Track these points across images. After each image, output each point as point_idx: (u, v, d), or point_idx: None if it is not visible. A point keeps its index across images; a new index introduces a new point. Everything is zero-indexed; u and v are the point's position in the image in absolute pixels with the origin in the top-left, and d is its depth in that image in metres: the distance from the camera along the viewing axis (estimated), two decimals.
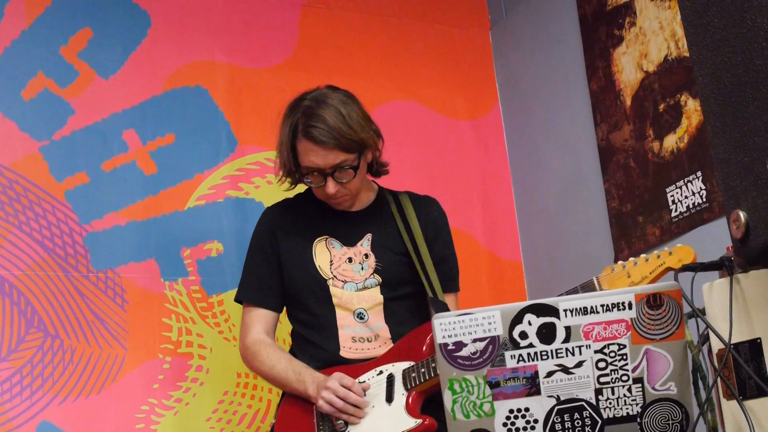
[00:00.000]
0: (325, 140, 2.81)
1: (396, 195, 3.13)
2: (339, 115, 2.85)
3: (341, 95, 2.94)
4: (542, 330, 1.85)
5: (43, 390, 3.35)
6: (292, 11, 4.14)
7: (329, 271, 2.95)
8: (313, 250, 2.98)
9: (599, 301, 1.84)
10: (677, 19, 3.46)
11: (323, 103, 2.87)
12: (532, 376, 1.85)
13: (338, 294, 2.93)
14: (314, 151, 2.83)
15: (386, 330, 2.93)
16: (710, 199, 3.31)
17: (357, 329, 2.92)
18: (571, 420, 1.86)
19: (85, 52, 3.69)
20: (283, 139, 2.91)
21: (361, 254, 2.97)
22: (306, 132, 2.83)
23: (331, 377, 2.78)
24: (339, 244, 2.98)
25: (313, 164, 2.85)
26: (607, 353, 1.84)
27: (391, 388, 2.78)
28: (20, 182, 3.49)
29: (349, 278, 2.95)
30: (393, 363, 2.83)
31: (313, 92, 2.94)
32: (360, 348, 2.91)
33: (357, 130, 2.87)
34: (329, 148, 2.82)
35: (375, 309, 2.94)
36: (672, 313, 1.84)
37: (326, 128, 2.82)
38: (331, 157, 2.84)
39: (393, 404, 2.75)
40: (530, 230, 4.29)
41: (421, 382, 2.73)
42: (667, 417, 1.87)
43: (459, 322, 1.86)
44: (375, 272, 2.96)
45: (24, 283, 3.41)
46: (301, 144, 2.85)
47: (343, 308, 2.93)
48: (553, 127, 4.15)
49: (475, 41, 4.51)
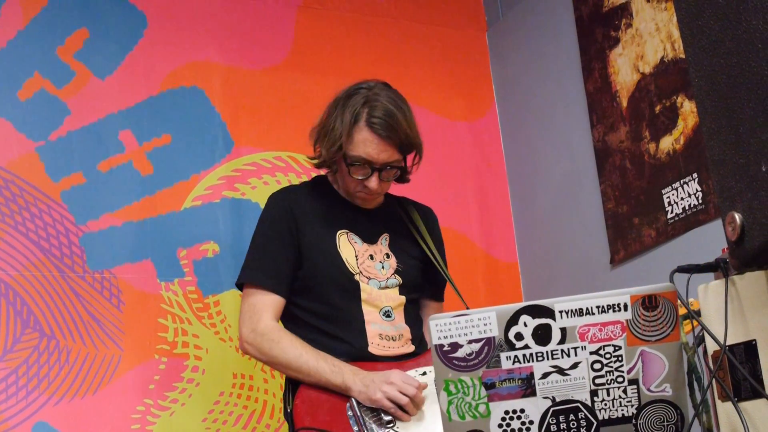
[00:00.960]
0: (387, 134, 2.81)
1: (399, 200, 3.14)
2: (403, 113, 2.86)
3: (399, 95, 2.93)
4: (538, 331, 1.85)
5: (39, 390, 3.35)
6: (288, 12, 4.14)
7: (356, 266, 2.92)
8: (337, 242, 2.94)
9: (594, 302, 1.84)
10: (673, 20, 3.46)
11: (389, 99, 2.86)
12: (527, 378, 1.86)
13: (367, 290, 2.90)
14: (374, 143, 2.82)
15: (408, 330, 2.94)
16: (706, 200, 3.32)
17: (384, 327, 2.91)
18: (567, 421, 1.86)
19: (81, 53, 3.69)
20: (335, 124, 2.86)
21: (382, 253, 2.97)
22: (370, 122, 2.81)
23: (393, 373, 2.72)
24: (360, 240, 2.97)
25: (368, 156, 2.83)
26: (603, 355, 1.85)
27: None
28: (16, 182, 3.48)
29: (373, 275, 2.93)
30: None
31: (368, 82, 2.91)
32: (386, 345, 2.89)
33: (416, 133, 2.91)
34: (389, 143, 2.82)
35: (399, 308, 2.95)
36: (667, 314, 1.84)
37: (393, 123, 2.81)
38: (387, 153, 2.84)
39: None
40: (526, 231, 4.29)
41: None
42: (662, 418, 1.87)
43: (455, 323, 1.86)
44: (396, 273, 2.96)
45: (20, 284, 3.40)
46: (361, 133, 2.82)
47: (370, 304, 2.90)
48: (550, 128, 4.15)
49: (471, 42, 4.51)
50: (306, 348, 2.82)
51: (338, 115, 2.87)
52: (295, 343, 2.84)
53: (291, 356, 2.81)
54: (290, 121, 3.97)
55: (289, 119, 3.98)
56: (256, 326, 2.88)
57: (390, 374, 2.73)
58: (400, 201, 3.14)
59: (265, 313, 2.89)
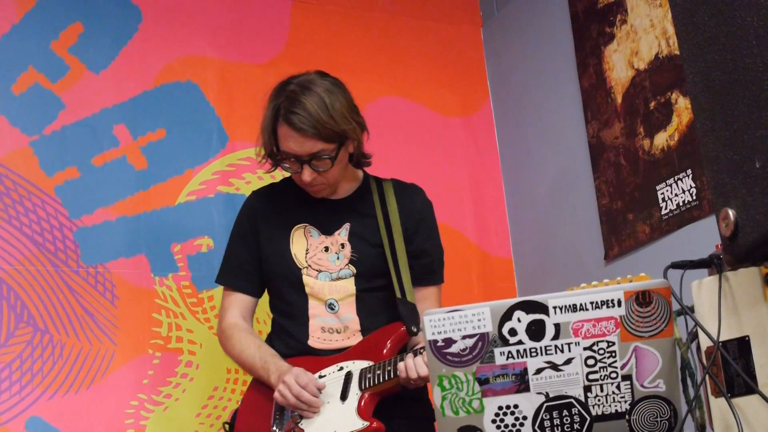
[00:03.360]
0: (303, 128, 2.78)
1: (380, 183, 3.08)
2: (321, 103, 2.81)
3: (328, 83, 2.88)
4: (531, 327, 1.85)
5: (33, 385, 3.35)
6: (283, 7, 4.13)
7: (304, 260, 2.93)
8: (290, 238, 2.97)
9: (588, 298, 1.84)
10: (668, 17, 3.46)
11: (308, 90, 2.82)
12: (521, 373, 1.86)
13: (310, 283, 2.91)
14: (293, 137, 2.80)
15: (356, 322, 2.91)
16: (700, 196, 3.32)
17: (327, 319, 2.91)
18: (560, 417, 1.86)
19: (75, 47, 3.68)
20: (266, 121, 2.88)
21: (338, 243, 2.94)
22: (286, 117, 2.80)
23: (290, 372, 2.77)
24: (317, 232, 2.96)
25: (291, 150, 2.82)
26: (596, 350, 1.85)
27: (347, 386, 2.78)
28: (10, 177, 3.48)
29: (324, 268, 2.92)
30: (354, 360, 2.84)
31: (300, 76, 2.89)
32: (328, 338, 2.90)
33: (338, 121, 2.82)
34: (307, 136, 2.79)
35: (347, 300, 2.92)
36: (661, 310, 1.84)
37: (306, 116, 2.78)
38: (308, 145, 2.80)
39: (346, 403, 2.75)
40: (521, 227, 4.29)
41: (376, 384, 2.74)
42: (656, 414, 1.87)
43: (449, 318, 1.86)
44: (350, 263, 2.93)
45: (14, 278, 3.40)
46: (281, 128, 2.82)
47: (315, 298, 2.92)
48: (544, 124, 4.15)
49: (466, 38, 4.51)
50: (251, 345, 2.91)
51: (265, 114, 2.89)
52: (242, 340, 2.92)
53: (236, 352, 2.93)
54: None
55: None
56: (221, 323, 3.01)
57: (287, 373, 2.77)
58: (379, 184, 3.08)
59: (229, 311, 2.99)
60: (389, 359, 2.76)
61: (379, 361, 2.78)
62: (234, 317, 2.98)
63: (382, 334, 2.88)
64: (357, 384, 2.77)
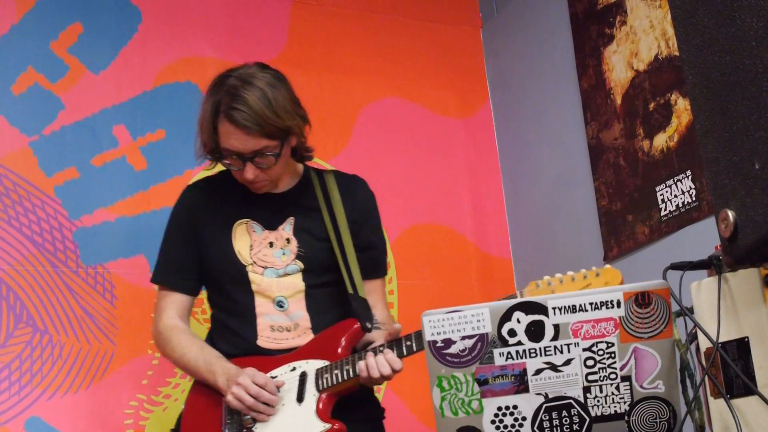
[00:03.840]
0: (247, 125, 2.65)
1: (321, 175, 2.96)
2: (264, 98, 2.68)
3: (269, 76, 2.74)
4: (531, 328, 1.85)
5: (32, 385, 3.35)
6: (282, 7, 4.13)
7: (248, 257, 2.82)
8: (232, 234, 2.85)
9: (588, 299, 1.84)
10: (668, 18, 3.46)
11: (249, 84, 2.68)
12: (520, 374, 1.86)
13: (257, 280, 2.80)
14: (235, 134, 2.67)
15: (307, 319, 2.81)
16: (699, 198, 3.32)
17: (276, 318, 2.80)
18: (559, 418, 1.86)
19: (75, 47, 3.68)
20: (204, 116, 2.74)
21: (283, 239, 2.83)
22: (228, 114, 2.66)
23: (244, 372, 2.67)
24: (260, 227, 2.84)
25: (233, 147, 2.70)
26: (596, 351, 1.85)
27: (303, 387, 2.69)
28: (9, 177, 3.48)
29: (270, 264, 2.81)
30: (307, 360, 2.74)
31: (239, 69, 2.76)
32: (278, 337, 2.80)
33: (282, 117, 2.69)
34: (251, 133, 2.66)
35: (296, 297, 2.81)
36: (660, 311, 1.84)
37: (249, 112, 2.65)
38: (251, 143, 2.68)
39: (303, 405, 2.67)
40: (520, 228, 4.29)
41: (334, 384, 2.66)
42: (655, 415, 1.87)
43: (448, 319, 1.86)
44: (297, 258, 2.82)
45: (13, 278, 3.40)
46: (223, 125, 2.69)
47: (262, 295, 2.81)
48: (544, 125, 4.15)
49: (466, 39, 4.51)
50: (192, 347, 2.80)
51: (203, 108, 2.75)
52: (182, 341, 2.81)
53: (177, 355, 2.82)
54: None
55: None
56: (157, 325, 2.88)
57: (240, 374, 2.67)
58: (321, 176, 2.95)
59: (165, 311, 2.88)
60: (346, 358, 2.67)
61: (335, 360, 2.69)
62: (171, 318, 2.86)
63: (335, 331, 2.77)
64: (314, 385, 2.68)
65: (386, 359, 2.59)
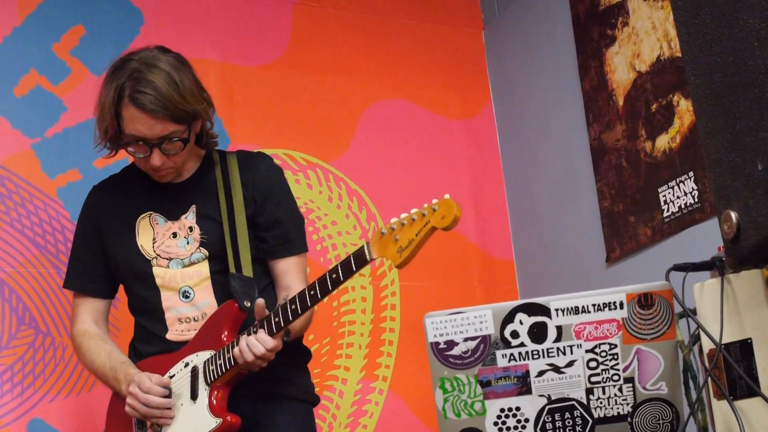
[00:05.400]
0: (154, 109, 2.55)
1: (224, 156, 2.85)
2: (171, 81, 2.58)
3: (173, 59, 2.65)
4: (533, 329, 1.85)
5: (35, 387, 3.35)
6: (284, 9, 4.13)
7: (152, 250, 2.74)
8: (135, 229, 2.77)
9: (591, 300, 1.84)
10: (670, 19, 3.46)
11: (154, 67, 2.59)
12: (523, 376, 1.86)
13: (161, 273, 2.72)
14: (141, 119, 2.57)
15: (214, 307, 2.70)
16: (702, 199, 3.32)
17: (182, 309, 2.72)
18: (562, 419, 1.86)
19: (77, 50, 3.68)
20: (105, 101, 2.63)
21: (186, 227, 2.74)
22: (133, 98, 2.56)
23: (132, 381, 2.60)
24: (163, 219, 2.76)
25: (139, 133, 2.59)
26: (599, 353, 1.85)
27: (195, 382, 2.61)
28: (12, 179, 3.48)
29: (174, 255, 2.73)
30: (197, 353, 2.65)
31: (141, 52, 2.65)
32: (187, 329, 2.71)
33: (189, 100, 2.61)
34: (158, 117, 2.56)
35: (202, 285, 2.72)
36: (663, 313, 1.84)
37: (157, 96, 2.55)
38: (159, 128, 2.58)
39: (197, 401, 2.59)
40: (522, 229, 4.29)
41: (219, 375, 2.57)
42: (658, 417, 1.87)
43: (450, 321, 1.86)
44: (201, 245, 2.72)
45: (15, 280, 3.40)
46: (127, 110, 2.58)
47: (167, 288, 2.72)
48: (546, 126, 4.15)
49: (468, 40, 4.51)
50: (101, 354, 2.74)
51: (104, 93, 2.64)
52: (92, 348, 2.76)
53: (87, 362, 2.78)
54: (286, 119, 3.97)
55: (285, 116, 3.98)
56: (71, 331, 2.85)
57: (130, 383, 2.61)
58: (223, 157, 2.85)
59: (79, 316, 2.83)
60: (228, 345, 2.57)
61: (220, 347, 2.60)
62: (84, 323, 2.81)
63: (216, 317, 2.67)
64: (203, 379, 2.59)
65: (257, 338, 2.49)
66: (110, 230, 2.80)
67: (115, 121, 2.62)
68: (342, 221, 4.00)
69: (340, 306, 3.91)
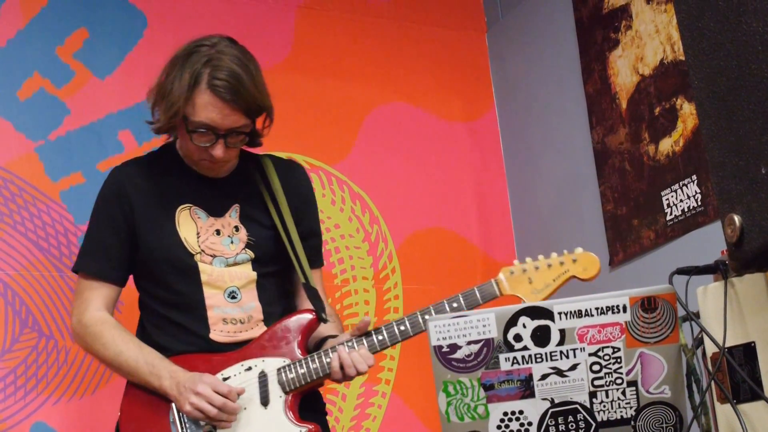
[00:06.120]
0: (232, 98, 2.51)
1: (258, 159, 2.81)
2: (249, 74, 2.56)
3: (246, 51, 2.62)
4: (537, 333, 1.85)
5: (37, 390, 3.35)
6: (287, 13, 4.13)
7: (196, 245, 2.64)
8: (176, 220, 2.66)
9: (594, 304, 1.84)
10: (673, 22, 3.46)
11: (232, 57, 2.55)
12: (526, 379, 1.86)
13: (207, 270, 2.63)
14: (217, 107, 2.52)
15: (259, 311, 2.66)
16: (705, 202, 3.32)
17: (228, 310, 2.64)
18: (565, 423, 1.86)
19: (80, 53, 3.69)
20: (175, 85, 2.55)
21: (231, 226, 2.67)
22: (212, 84, 2.51)
23: (200, 380, 2.50)
24: (205, 214, 2.68)
25: (211, 121, 2.53)
26: (602, 356, 1.85)
27: (266, 388, 2.55)
28: (15, 182, 3.48)
29: (219, 253, 2.65)
30: (262, 358, 2.60)
31: (210, 40, 2.60)
32: (232, 330, 2.63)
33: (263, 95, 2.60)
34: (233, 108, 2.52)
35: (248, 287, 2.66)
36: (666, 316, 1.84)
37: (236, 85, 2.52)
38: (232, 118, 2.54)
39: (270, 408, 2.54)
40: (525, 233, 4.29)
41: (302, 384, 2.54)
42: (661, 420, 1.87)
43: (453, 324, 1.86)
44: (247, 247, 2.67)
45: (18, 283, 3.40)
46: (202, 97, 2.52)
47: (212, 286, 2.63)
48: (549, 129, 4.15)
49: (471, 44, 4.51)
50: (129, 345, 2.60)
51: (177, 76, 2.55)
52: (116, 338, 2.61)
53: (111, 353, 2.60)
54: (289, 122, 3.97)
55: (287, 120, 3.98)
56: (81, 317, 2.66)
57: (197, 382, 2.49)
58: (257, 161, 2.80)
59: (92, 303, 2.66)
60: (311, 355, 2.55)
61: (294, 356, 2.57)
62: (98, 310, 2.65)
63: (289, 324, 2.63)
64: (278, 386, 2.55)
65: (361, 355, 2.50)
66: (145, 216, 2.67)
67: (185, 107, 2.54)
68: (345, 224, 4.00)
69: (343, 309, 3.91)
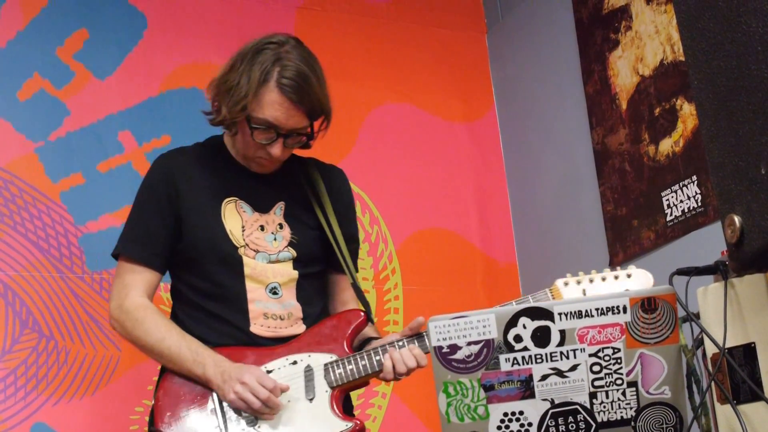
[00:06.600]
0: (299, 99, 2.53)
1: (301, 161, 2.81)
2: (316, 76, 2.58)
3: (311, 53, 2.63)
4: (537, 333, 1.85)
5: (38, 391, 3.35)
6: (287, 13, 4.14)
7: (241, 238, 2.64)
8: (222, 212, 2.67)
9: (594, 304, 1.84)
10: (673, 23, 3.46)
11: (302, 58, 2.57)
12: (526, 380, 1.86)
13: (251, 264, 2.63)
14: (283, 107, 2.54)
15: (299, 309, 2.66)
16: (705, 203, 3.32)
17: (269, 305, 2.63)
18: (566, 423, 1.86)
19: (80, 53, 3.69)
20: (242, 81, 2.56)
21: (275, 223, 2.68)
22: (281, 83, 2.53)
23: (247, 371, 2.50)
24: (250, 208, 2.68)
25: (275, 120, 2.55)
26: (602, 357, 1.85)
27: (311, 383, 2.55)
28: (15, 183, 3.48)
29: (262, 248, 2.65)
30: (309, 353, 2.59)
31: (281, 37, 2.62)
32: (272, 326, 2.63)
33: (327, 99, 2.61)
34: (298, 109, 2.54)
35: (289, 285, 2.67)
36: (666, 317, 1.84)
37: (305, 86, 2.54)
38: (296, 119, 2.56)
39: (315, 402, 2.53)
40: (525, 233, 4.29)
41: (350, 380, 2.54)
42: (661, 421, 1.87)
43: (454, 324, 1.86)
44: (290, 245, 2.68)
45: (19, 284, 3.40)
46: (270, 94, 2.54)
47: (255, 280, 2.63)
48: (549, 130, 4.15)
49: (471, 44, 4.51)
50: (172, 332, 2.59)
51: (245, 71, 2.56)
52: (159, 325, 2.60)
53: (153, 339, 2.59)
54: None
55: None
56: (123, 302, 2.64)
57: (244, 373, 2.49)
58: (302, 163, 2.81)
59: (134, 288, 2.64)
60: (361, 352, 2.57)
61: (342, 352, 2.58)
62: (140, 296, 2.63)
63: (339, 322, 2.66)
64: (325, 381, 2.54)
65: (413, 354, 2.52)
66: (193, 204, 2.67)
67: (251, 103, 2.55)
68: None
69: None
